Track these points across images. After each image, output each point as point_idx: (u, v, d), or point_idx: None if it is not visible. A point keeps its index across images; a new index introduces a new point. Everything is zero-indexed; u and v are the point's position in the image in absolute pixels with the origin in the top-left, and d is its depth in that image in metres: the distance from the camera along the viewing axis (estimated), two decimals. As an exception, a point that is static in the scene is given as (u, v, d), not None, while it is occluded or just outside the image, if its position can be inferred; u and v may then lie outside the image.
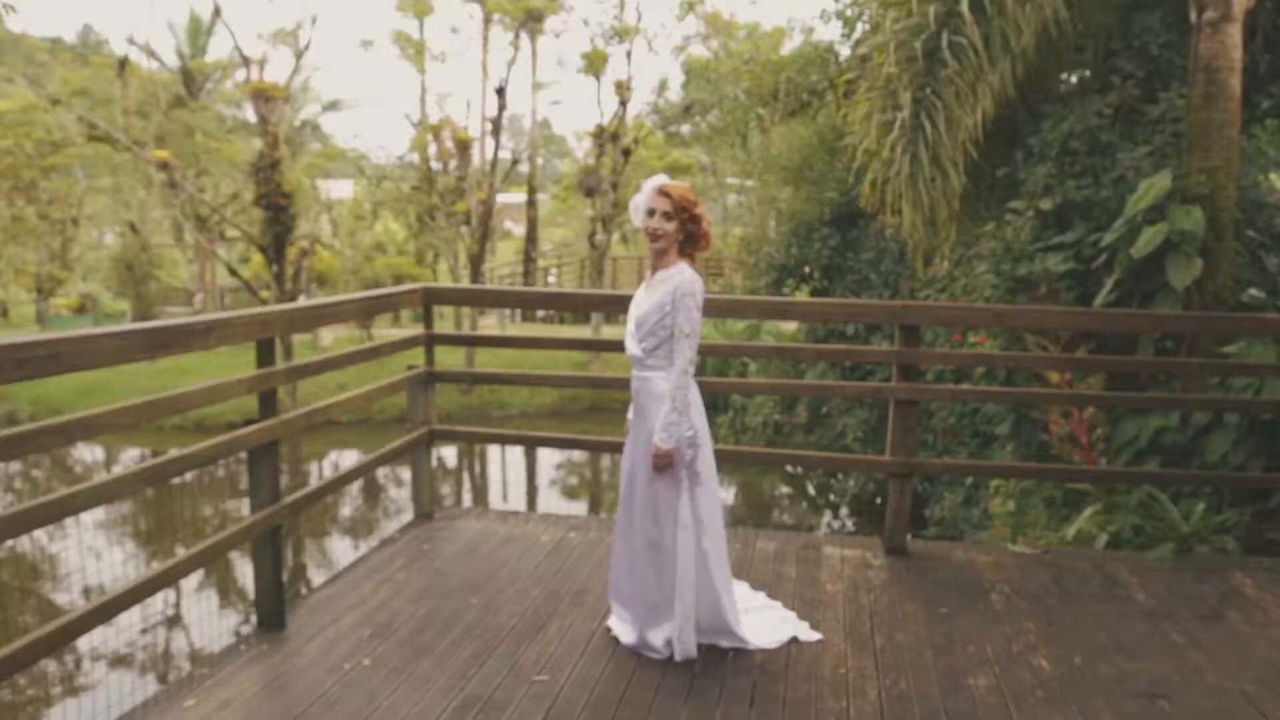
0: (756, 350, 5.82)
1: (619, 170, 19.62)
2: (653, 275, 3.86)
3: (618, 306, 5.47)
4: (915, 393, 5.00)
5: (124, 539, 12.48)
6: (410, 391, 5.39)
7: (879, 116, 6.27)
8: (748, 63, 12.37)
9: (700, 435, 3.78)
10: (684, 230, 3.74)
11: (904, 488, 5.12)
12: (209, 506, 13.74)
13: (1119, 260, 6.42)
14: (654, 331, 3.74)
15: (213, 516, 13.29)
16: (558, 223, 36.57)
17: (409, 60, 19.94)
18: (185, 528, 12.72)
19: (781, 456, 5.17)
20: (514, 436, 5.63)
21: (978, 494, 8.85)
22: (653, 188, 3.76)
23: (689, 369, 3.69)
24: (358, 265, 20.79)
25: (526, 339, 5.74)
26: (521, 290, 7.56)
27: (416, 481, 5.56)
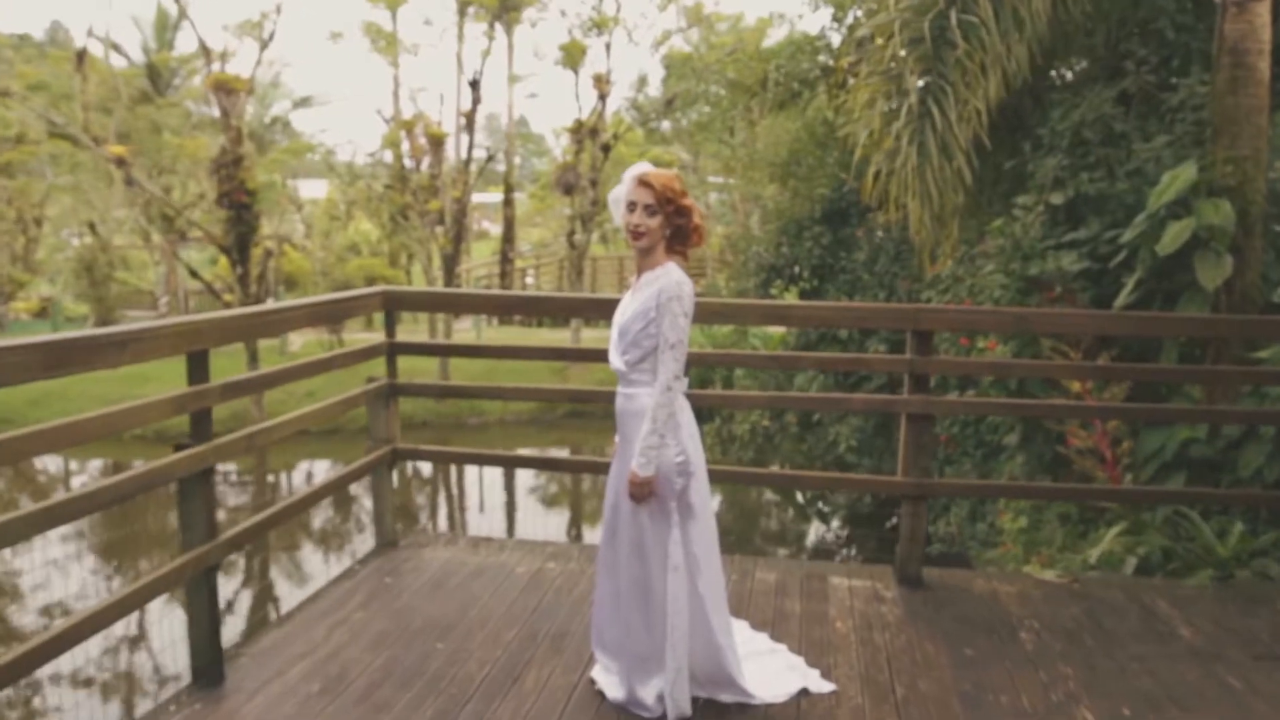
0: (750, 360, 5.28)
1: (598, 167, 19.06)
2: (638, 278, 3.35)
3: (597, 312, 4.95)
4: (930, 406, 4.50)
5: (66, 561, 11.72)
6: (370, 406, 4.84)
7: (883, 103, 5.79)
8: (733, 54, 11.89)
9: (692, 461, 3.26)
10: (670, 225, 3.21)
11: (918, 511, 4.63)
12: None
13: (1140, 258, 5.96)
14: (638, 341, 3.22)
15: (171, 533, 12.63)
16: (535, 222, 35.97)
17: (380, 53, 19.31)
18: (144, 546, 12.06)
19: (783, 478, 4.68)
20: (485, 456, 5.09)
21: (984, 507, 8.39)
22: (633, 178, 3.24)
23: (675, 384, 3.18)
24: (327, 267, 20.10)
25: (499, 348, 5.21)
26: (491, 294, 6.94)
27: (378, 506, 5.01)
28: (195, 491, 3.40)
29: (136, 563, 11.53)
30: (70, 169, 19.43)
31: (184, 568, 3.35)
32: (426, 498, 14.86)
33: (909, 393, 4.51)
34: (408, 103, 20.61)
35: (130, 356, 3.02)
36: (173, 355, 3.26)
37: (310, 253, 23.39)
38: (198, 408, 3.37)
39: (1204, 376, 5.40)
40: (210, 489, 3.47)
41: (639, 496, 3.21)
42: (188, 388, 3.35)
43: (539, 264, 29.72)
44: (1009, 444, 7.48)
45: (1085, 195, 6.68)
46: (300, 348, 18.85)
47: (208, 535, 3.45)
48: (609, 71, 18.81)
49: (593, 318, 4.81)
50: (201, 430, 3.41)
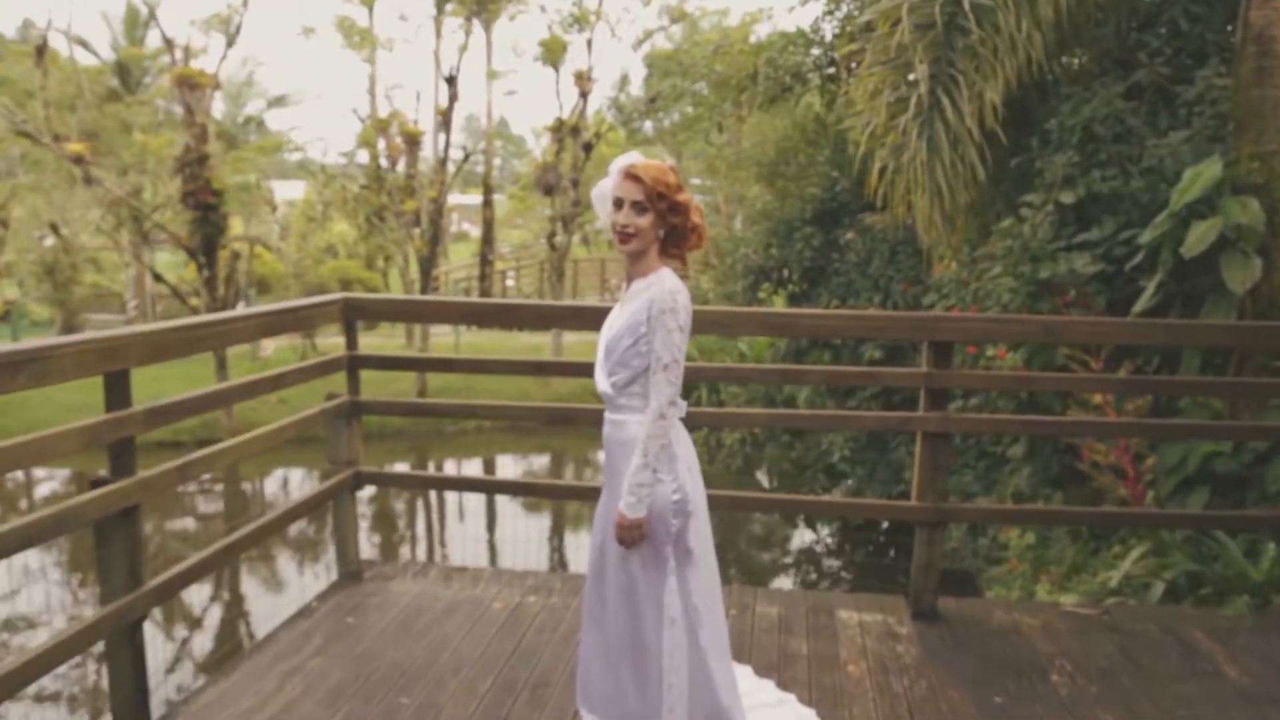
0: (751, 374, 4.79)
1: (580, 167, 18.60)
2: (627, 286, 2.91)
3: (577, 321, 4.51)
4: (949, 424, 4.09)
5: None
6: (329, 426, 4.37)
7: (888, 94, 5.37)
8: (720, 49, 11.48)
9: (690, 499, 2.82)
10: (664, 224, 2.77)
11: (934, 538, 4.21)
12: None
13: (1161, 260, 5.58)
14: (626, 360, 2.78)
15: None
16: (516, 224, 35.46)
17: (354, 49, 18.78)
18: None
19: (790, 504, 4.27)
20: (457, 481, 4.62)
21: (982, 528, 7.99)
22: (619, 170, 2.79)
23: (670, 411, 2.73)
24: (300, 269, 19.51)
25: (471, 361, 4.78)
26: (460, 301, 6.42)
27: (340, 535, 4.54)
28: (115, 535, 2.94)
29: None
30: (29, 167, 18.74)
31: (101, 624, 2.88)
32: (401, 509, 14.31)
33: (925, 409, 4.10)
34: (384, 101, 20.10)
35: (27, 380, 2.55)
36: (84, 377, 2.79)
37: (285, 255, 22.80)
38: (117, 438, 2.90)
39: (1241, 390, 5.00)
40: (134, 531, 3.00)
41: (628, 541, 2.77)
42: (105, 414, 2.88)
43: (519, 266, 29.20)
44: (1014, 455, 7.10)
45: (1098, 194, 6.30)
46: (273, 353, 18.28)
47: (131, 584, 2.98)
48: (590, 69, 18.38)
49: (573, 327, 4.35)
50: (122, 463, 2.94)
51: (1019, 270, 6.36)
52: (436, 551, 12.08)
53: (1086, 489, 7.01)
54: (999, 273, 6.49)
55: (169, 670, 8.44)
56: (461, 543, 11.95)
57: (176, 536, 13.02)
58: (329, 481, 4.37)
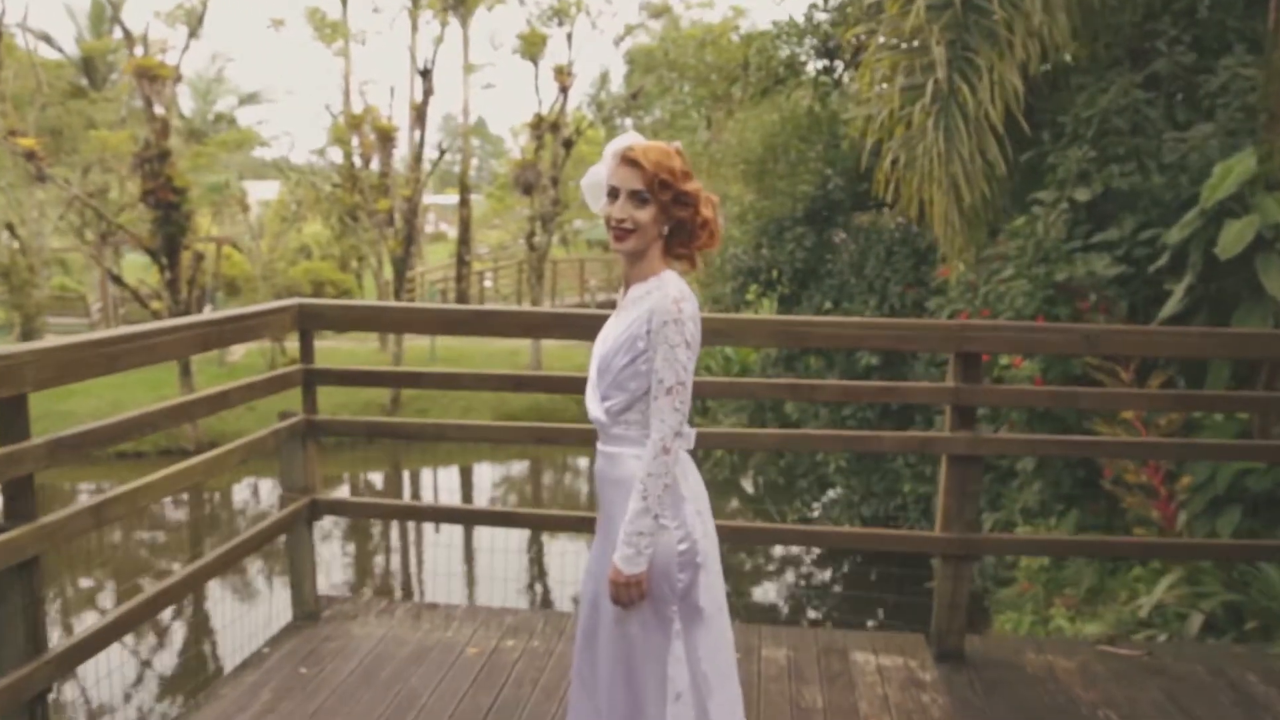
0: (755, 389, 4.31)
1: (559, 164, 18.09)
2: (624, 293, 2.45)
3: (562, 329, 4.05)
4: (979, 445, 3.65)
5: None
6: (283, 449, 3.88)
7: (902, 78, 4.94)
8: (707, 40, 11.03)
9: (700, 547, 2.35)
10: (668, 218, 2.31)
11: (961, 573, 3.77)
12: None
13: (1191, 263, 5.17)
14: (621, 382, 2.33)
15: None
16: (494, 224, 34.86)
17: (324, 41, 18.18)
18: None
19: (800, 534, 3.85)
20: (429, 511, 4.12)
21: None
22: (615, 154, 2.32)
23: (676, 443, 2.27)
24: (269, 271, 18.87)
25: (442, 375, 4.31)
26: (428, 309, 5.87)
27: (295, 572, 4.04)
28: (10, 592, 2.44)
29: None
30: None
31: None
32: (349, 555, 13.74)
33: (951, 428, 3.66)
34: (357, 97, 19.50)
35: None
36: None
37: (256, 255, 22.14)
38: (12, 476, 2.40)
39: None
40: (32, 587, 2.50)
41: (625, 600, 2.30)
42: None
43: (497, 267, 28.63)
44: (1022, 469, 6.69)
45: (1116, 191, 5.90)
46: (242, 358, 17.66)
47: (29, 652, 2.49)
48: (570, 63, 17.87)
49: (557, 336, 3.89)
50: (18, 507, 2.44)
51: (1032, 272, 5.96)
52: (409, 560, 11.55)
53: (1102, 504, 6.63)
54: (1011, 275, 6.08)
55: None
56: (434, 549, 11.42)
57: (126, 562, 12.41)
58: (282, 512, 3.87)
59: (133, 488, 2.95)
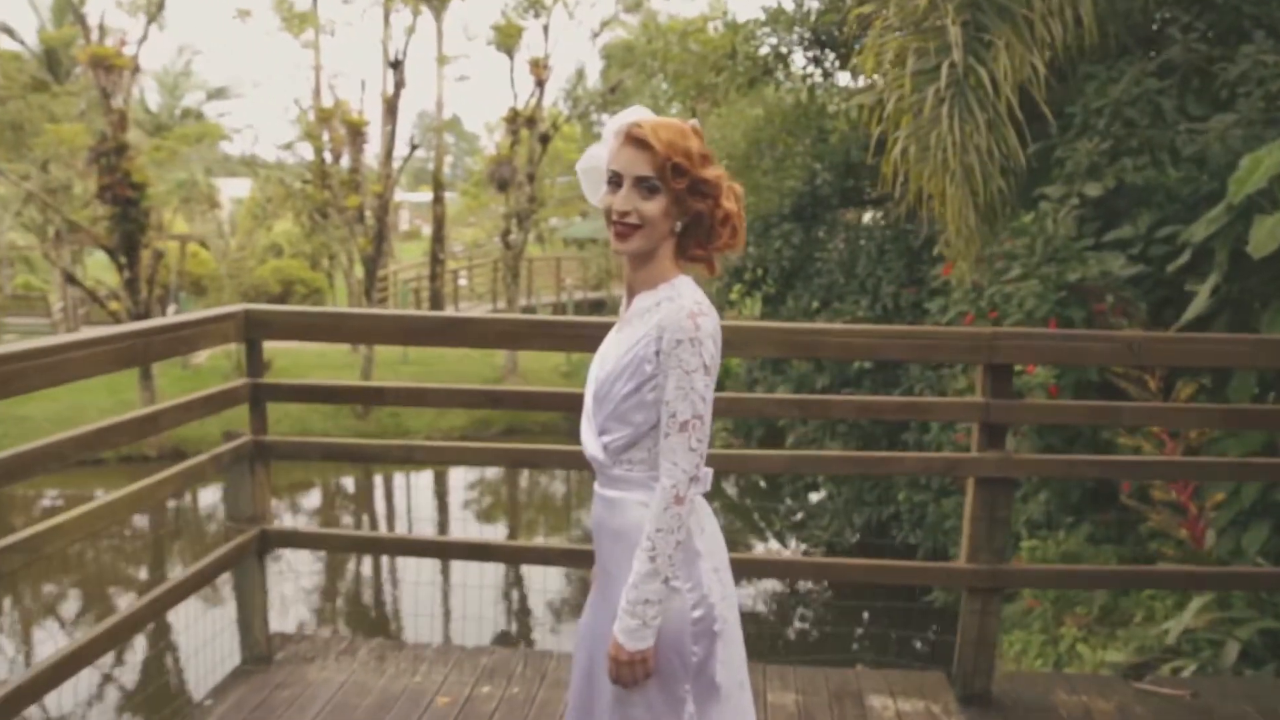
0: (763, 406, 3.88)
1: (535, 160, 17.63)
2: (627, 303, 2.03)
3: (545, 339, 3.63)
4: (1010, 466, 3.27)
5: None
6: (228, 474, 3.44)
7: (913, 61, 4.56)
8: (691, 30, 10.64)
9: (718, 614, 1.93)
10: (681, 211, 1.89)
11: (990, 608, 3.39)
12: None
13: (1217, 262, 4.84)
14: (624, 414, 1.91)
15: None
16: (469, 222, 34.32)
17: (292, 33, 17.62)
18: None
19: (813, 567, 3.47)
20: (397, 543, 3.67)
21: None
22: (619, 131, 1.90)
23: (691, 489, 1.85)
24: (234, 269, 18.27)
25: (408, 390, 3.90)
26: (394, 315, 5.27)
27: (244, 610, 3.60)
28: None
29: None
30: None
31: None
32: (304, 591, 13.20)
33: (979, 448, 3.28)
34: (327, 90, 18.95)
35: None
36: None
37: (227, 254, 21.52)
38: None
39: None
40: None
41: (628, 680, 1.88)
42: None
43: (472, 265, 28.09)
44: (1026, 479, 6.35)
45: (1130, 185, 5.56)
46: (206, 360, 17.07)
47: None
48: (547, 56, 17.40)
49: (540, 347, 3.45)
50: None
51: (1042, 272, 5.60)
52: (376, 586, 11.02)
53: (1113, 515, 6.30)
54: (1018, 275, 5.73)
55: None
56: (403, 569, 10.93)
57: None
58: (227, 545, 3.43)
59: (44, 528, 2.51)
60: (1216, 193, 5.44)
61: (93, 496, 8.22)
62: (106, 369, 2.59)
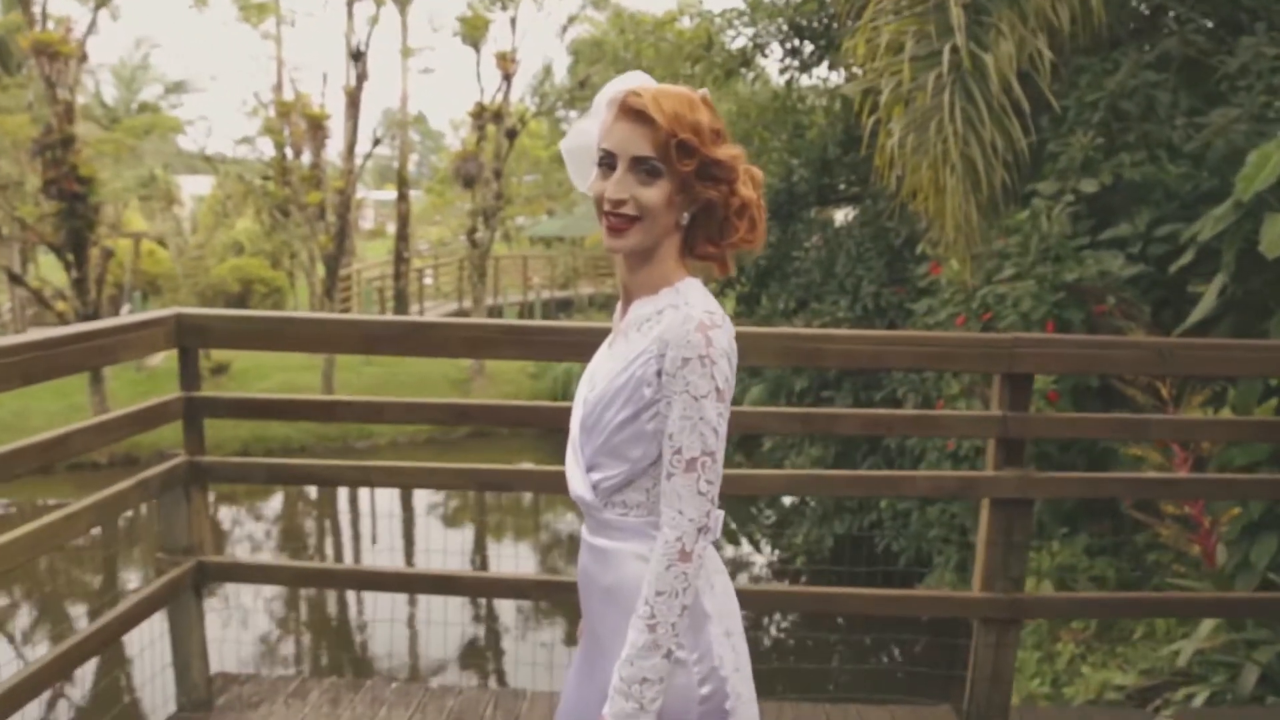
0: (764, 422, 3.53)
1: (502, 156, 17.23)
2: (622, 313, 1.71)
3: (516, 348, 3.28)
4: (1029, 486, 2.98)
5: None
6: (161, 501, 3.07)
7: (912, 45, 4.28)
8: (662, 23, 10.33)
9: (730, 689, 1.63)
10: (691, 200, 1.58)
11: (1006, 640, 3.10)
12: None
13: (1225, 262, 4.60)
14: (618, 446, 1.59)
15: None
16: (434, 220, 33.81)
17: (250, 23, 17.06)
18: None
19: (813, 598, 3.18)
20: (353, 576, 3.29)
21: (971, 557, 7.00)
22: (614, 100, 1.57)
23: (699, 542, 1.53)
24: (190, 269, 17.68)
25: (364, 404, 3.54)
26: (346, 319, 4.76)
27: (179, 652, 3.22)
28: None
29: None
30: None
31: None
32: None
33: (995, 466, 3.00)
34: (288, 83, 18.41)
35: None
36: None
37: (184, 252, 20.89)
38: None
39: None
40: None
41: None
42: None
43: (438, 264, 27.58)
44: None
45: (1128, 182, 5.33)
46: (162, 362, 16.47)
47: None
48: (514, 50, 17.01)
49: (512, 356, 3.11)
50: None
51: (1037, 272, 5.36)
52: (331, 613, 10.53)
53: (1108, 524, 6.07)
54: (1012, 274, 5.48)
55: None
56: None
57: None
58: (160, 580, 3.05)
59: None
60: (1217, 190, 5.23)
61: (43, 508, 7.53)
62: (21, 383, 2.23)
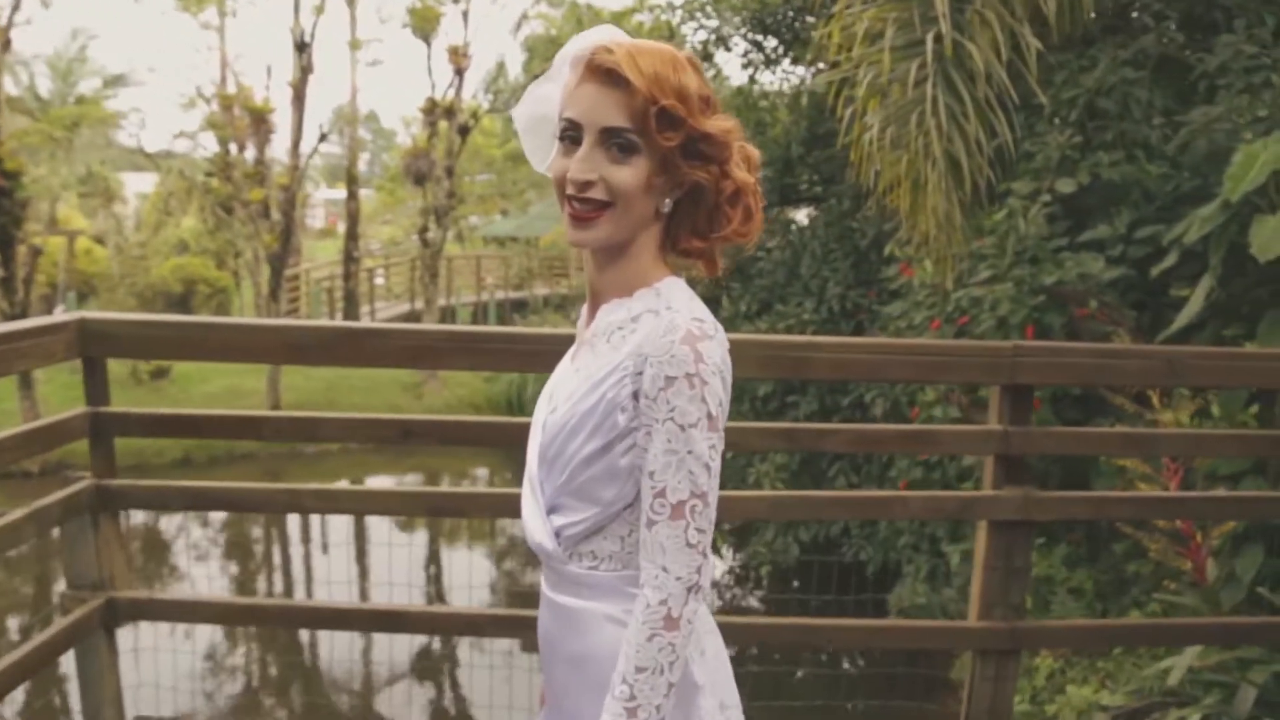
0: (749, 437, 3.23)
1: (455, 153, 16.82)
2: (590, 317, 1.42)
3: (474, 359, 2.97)
4: (1032, 507, 2.75)
5: None
6: (65, 531, 2.71)
7: (894, 34, 4.05)
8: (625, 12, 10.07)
9: None
10: (673, 182, 1.30)
11: (1004, 673, 2.87)
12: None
13: (1212, 265, 4.44)
14: (585, 486, 1.30)
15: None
16: (385, 219, 33.22)
17: (189, 12, 16.43)
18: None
19: (798, 629, 2.95)
20: (278, 611, 2.91)
21: (941, 565, 6.82)
22: (579, 58, 1.28)
23: (689, 605, 1.24)
24: (127, 268, 17.03)
25: (294, 420, 3.20)
26: (273, 325, 4.31)
27: (88, 700, 2.85)
28: None
29: None
30: None
31: None
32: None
33: (994, 485, 2.76)
34: (231, 76, 17.81)
35: None
36: None
37: (123, 251, 20.16)
38: None
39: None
40: None
41: None
42: None
43: (389, 264, 26.99)
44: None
45: (1108, 182, 5.17)
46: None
47: None
48: (467, 44, 16.61)
49: (463, 367, 2.81)
50: None
51: (1014, 274, 5.17)
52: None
53: (1080, 533, 5.92)
54: (989, 277, 5.29)
55: None
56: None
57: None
58: (65, 620, 2.69)
59: None
60: (1198, 190, 5.09)
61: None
62: None
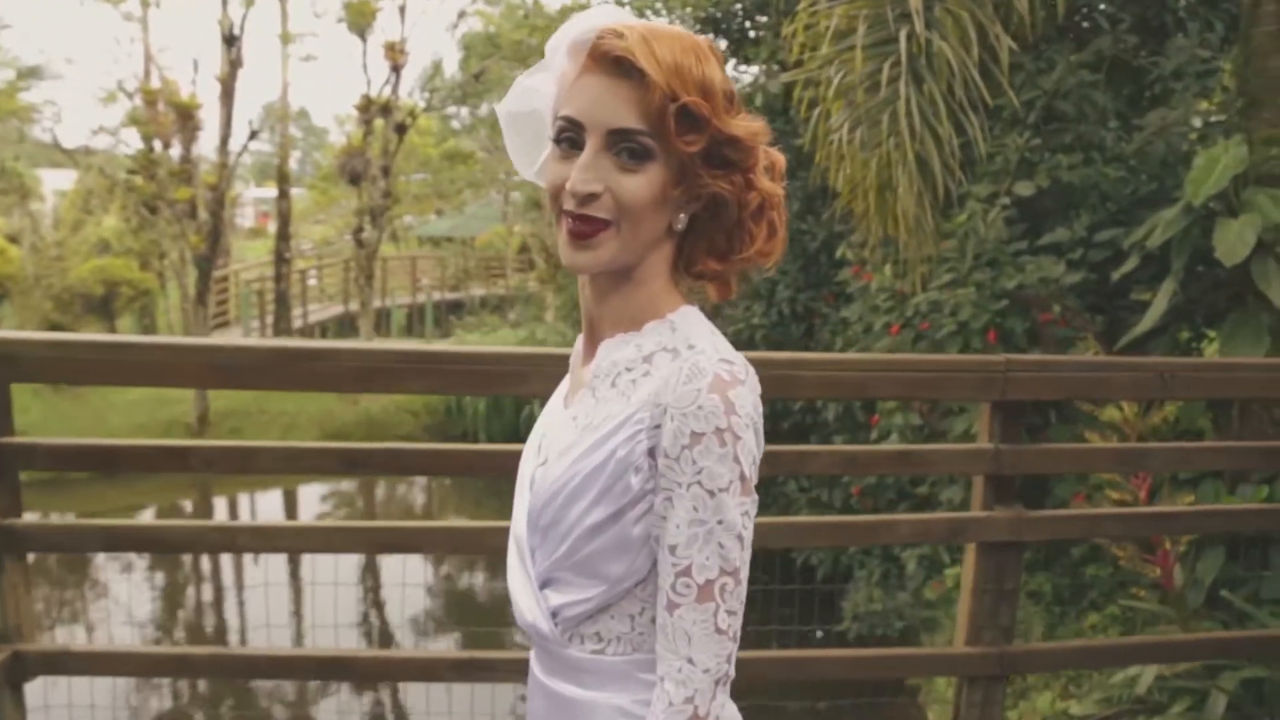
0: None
1: (391, 152, 16.40)
2: (589, 354, 1.19)
3: (430, 382, 2.75)
4: (1023, 527, 2.63)
5: None
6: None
7: (865, 32, 3.92)
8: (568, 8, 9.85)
9: None
10: (691, 194, 1.09)
11: (992, 699, 2.75)
12: None
13: (1175, 270, 4.41)
14: (588, 559, 1.10)
15: None
16: (319, 219, 32.42)
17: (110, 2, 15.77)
18: None
19: (782, 661, 2.80)
20: (203, 661, 2.63)
21: (895, 569, 6.77)
22: (580, 43, 1.06)
23: (717, 701, 1.04)
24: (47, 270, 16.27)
25: (229, 450, 2.91)
26: (197, 346, 3.80)
27: (0, 759, 2.57)
28: None
29: None
30: None
31: None
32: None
33: (983, 505, 2.63)
34: (155, 70, 17.13)
35: None
36: None
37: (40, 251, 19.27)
38: None
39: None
40: None
41: None
42: None
43: (322, 265, 26.30)
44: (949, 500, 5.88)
45: (1067, 185, 5.14)
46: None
47: None
48: (404, 40, 16.20)
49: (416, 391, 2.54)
50: None
51: (975, 278, 5.11)
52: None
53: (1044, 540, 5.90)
54: (947, 280, 5.21)
55: None
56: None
57: None
58: (-30, 672, 2.40)
59: None
60: (1155, 193, 5.09)
61: None
62: None
